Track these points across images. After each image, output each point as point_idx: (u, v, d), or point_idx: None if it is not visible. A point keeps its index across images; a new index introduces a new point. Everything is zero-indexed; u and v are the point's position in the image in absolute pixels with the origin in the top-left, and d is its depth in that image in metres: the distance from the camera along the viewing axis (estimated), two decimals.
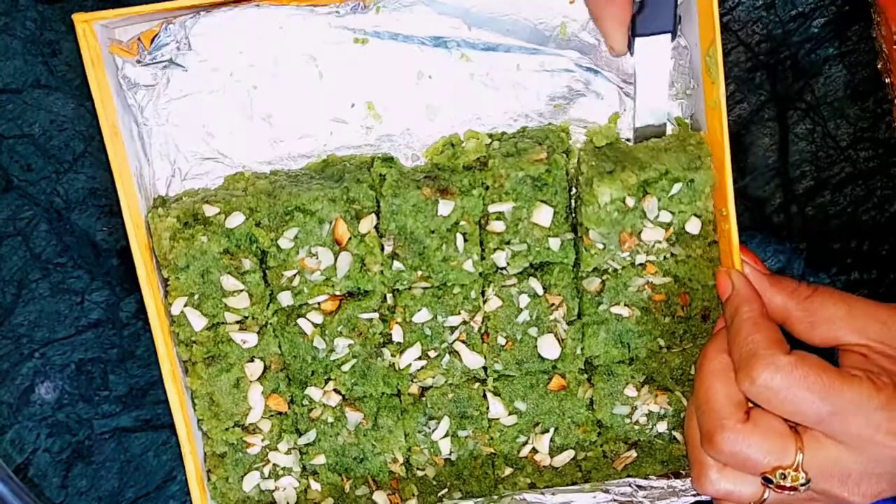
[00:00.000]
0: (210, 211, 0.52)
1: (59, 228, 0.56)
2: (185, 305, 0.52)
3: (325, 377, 0.54)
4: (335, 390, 0.55)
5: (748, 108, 0.58)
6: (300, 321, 0.53)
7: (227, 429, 0.54)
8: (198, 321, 0.52)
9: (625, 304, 0.53)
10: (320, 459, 0.55)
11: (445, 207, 0.52)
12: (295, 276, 0.53)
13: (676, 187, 0.50)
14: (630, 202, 0.51)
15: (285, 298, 0.53)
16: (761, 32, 0.57)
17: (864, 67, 0.58)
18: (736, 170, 0.58)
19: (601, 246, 0.52)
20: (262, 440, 0.54)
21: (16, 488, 0.55)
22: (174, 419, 0.51)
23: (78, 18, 0.49)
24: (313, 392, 0.54)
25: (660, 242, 0.52)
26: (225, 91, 0.54)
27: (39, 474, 0.57)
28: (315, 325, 0.54)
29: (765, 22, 0.57)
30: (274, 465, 0.55)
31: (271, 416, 0.55)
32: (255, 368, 0.54)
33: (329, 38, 0.54)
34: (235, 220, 0.52)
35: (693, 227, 0.51)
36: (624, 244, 0.51)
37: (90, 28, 0.49)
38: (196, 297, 0.52)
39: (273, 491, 0.55)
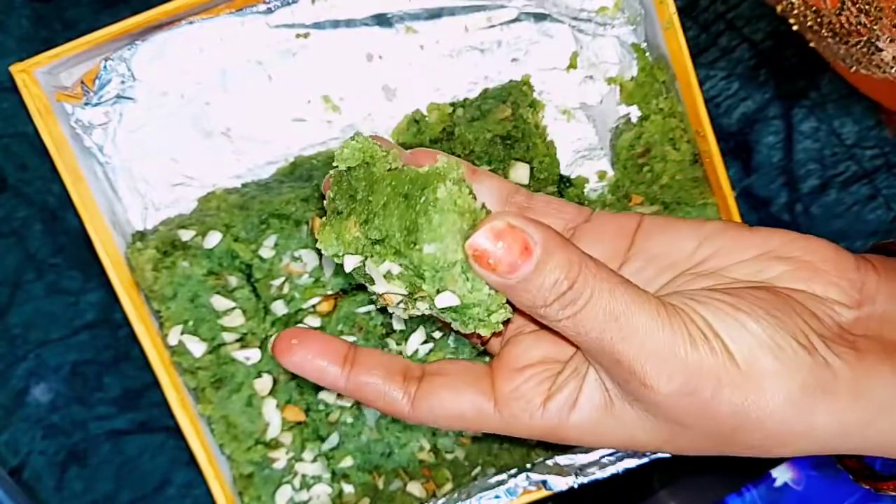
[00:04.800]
0: (186, 235, 0.51)
1: (53, 228, 0.56)
2: (182, 333, 0.52)
3: None
4: None
5: (752, 105, 0.57)
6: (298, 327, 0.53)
7: (248, 448, 0.53)
8: (197, 347, 0.52)
9: None
10: (348, 461, 0.55)
11: None
12: (284, 283, 0.52)
13: None
14: None
15: (279, 308, 0.52)
16: (766, 29, 0.56)
17: None
18: (740, 168, 0.57)
19: None
20: (287, 453, 0.54)
21: (11, 491, 0.55)
22: (191, 447, 0.51)
23: (15, 69, 0.49)
24: (327, 396, 0.54)
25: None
26: (179, 114, 0.53)
27: (34, 477, 0.57)
28: (315, 329, 0.53)
29: (769, 19, 0.56)
30: (303, 475, 0.54)
31: (290, 427, 0.54)
32: (264, 383, 0.53)
33: (271, 40, 0.53)
34: (213, 239, 0.51)
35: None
36: None
37: (31, 77, 0.49)
38: (190, 323, 0.52)
39: (307, 501, 0.55)
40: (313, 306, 0.53)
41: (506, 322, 0.38)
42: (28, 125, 0.52)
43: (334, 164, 0.38)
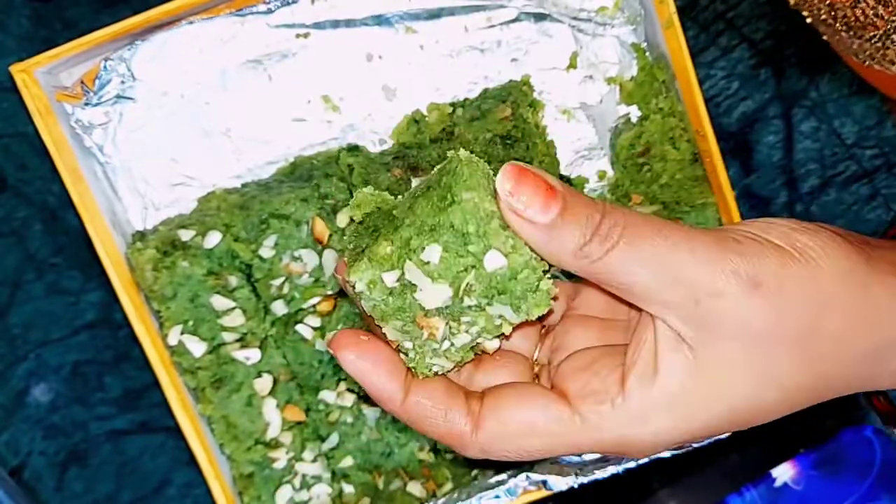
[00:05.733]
0: (186, 235, 0.51)
1: (53, 228, 0.56)
2: (182, 333, 0.52)
3: (336, 378, 0.54)
4: (348, 389, 0.54)
5: (753, 105, 0.57)
6: (299, 327, 0.53)
7: (248, 448, 0.53)
8: (197, 347, 0.52)
9: None
10: (348, 461, 0.55)
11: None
12: (284, 283, 0.52)
13: None
14: None
15: (279, 308, 0.52)
16: (765, 29, 0.56)
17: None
18: (741, 168, 0.57)
19: None
20: (287, 453, 0.54)
21: (11, 491, 0.55)
22: (191, 447, 0.51)
23: (15, 69, 0.49)
24: (327, 395, 0.54)
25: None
26: (179, 114, 0.53)
27: (34, 477, 0.57)
28: (315, 329, 0.53)
29: (769, 18, 0.56)
30: (303, 475, 0.54)
31: (290, 427, 0.54)
32: (264, 383, 0.53)
33: (270, 40, 0.53)
34: (213, 239, 0.51)
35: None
36: None
37: (31, 77, 0.49)
38: (190, 323, 0.52)
39: (307, 501, 0.55)
40: (313, 306, 0.53)
41: (549, 310, 0.35)
42: (28, 125, 0.52)
43: (350, 216, 0.37)
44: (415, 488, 0.55)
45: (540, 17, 0.53)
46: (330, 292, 0.52)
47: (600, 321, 0.38)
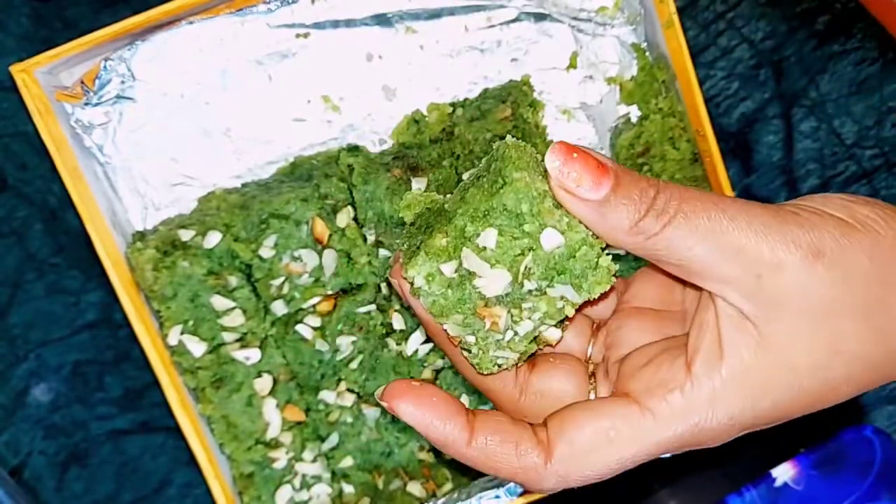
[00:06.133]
0: (186, 235, 0.51)
1: (53, 228, 0.56)
2: (182, 333, 0.52)
3: (336, 378, 0.54)
4: (348, 389, 0.54)
5: (752, 105, 0.57)
6: (298, 327, 0.53)
7: (248, 448, 0.53)
8: (197, 347, 0.52)
9: None
10: (348, 461, 0.55)
11: (419, 184, 0.51)
12: (283, 283, 0.52)
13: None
14: None
15: (279, 308, 0.52)
16: (765, 29, 0.56)
17: (870, 64, 0.57)
18: (741, 168, 0.57)
19: None
20: (287, 453, 0.54)
21: (11, 491, 0.54)
22: (191, 447, 0.51)
23: (15, 69, 0.49)
24: (327, 395, 0.54)
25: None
26: (179, 113, 0.53)
27: (35, 477, 0.57)
28: (314, 329, 0.53)
29: (769, 18, 0.56)
30: (303, 475, 0.54)
31: (290, 427, 0.54)
32: (264, 383, 0.53)
33: (271, 40, 0.53)
34: (213, 239, 0.51)
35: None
36: None
37: (31, 77, 0.49)
38: (190, 323, 0.52)
39: (307, 501, 0.55)
40: (313, 306, 0.53)
41: (610, 289, 0.35)
42: (28, 125, 0.52)
43: (400, 215, 0.37)
44: (415, 488, 0.55)
45: (540, 17, 0.53)
46: (330, 292, 0.52)
47: (654, 312, 0.38)
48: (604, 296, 0.34)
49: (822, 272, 0.32)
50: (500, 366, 0.35)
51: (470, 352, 0.35)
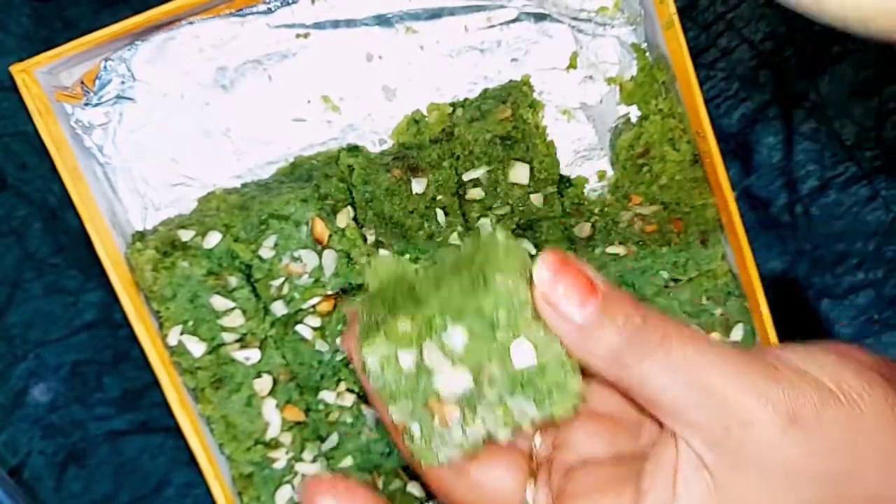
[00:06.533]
0: (186, 235, 0.51)
1: (53, 228, 0.56)
2: (182, 334, 0.52)
3: (335, 378, 0.54)
4: (348, 390, 0.54)
5: (752, 106, 0.57)
6: (298, 328, 0.53)
7: (248, 448, 0.53)
8: (197, 347, 0.52)
9: (619, 243, 0.52)
10: (347, 461, 0.55)
11: (419, 185, 0.51)
12: (283, 283, 0.52)
13: None
14: None
15: (279, 308, 0.52)
16: (765, 30, 0.56)
17: (869, 66, 0.57)
18: (741, 168, 0.57)
19: None
20: (286, 453, 0.54)
21: (10, 491, 0.54)
22: (191, 447, 0.51)
23: (15, 70, 0.49)
24: (327, 395, 0.54)
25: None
26: (179, 114, 0.53)
27: (34, 477, 0.57)
28: (314, 329, 0.53)
29: (769, 19, 0.56)
30: (302, 475, 0.54)
31: (290, 427, 0.54)
32: (263, 383, 0.53)
33: (270, 40, 0.53)
34: (212, 239, 0.51)
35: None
36: None
37: (31, 77, 0.49)
38: (190, 323, 0.52)
39: None
40: (313, 306, 0.53)
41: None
42: (28, 125, 0.52)
43: (364, 288, 0.35)
44: (415, 488, 0.55)
45: (540, 17, 0.53)
46: (330, 292, 0.52)
47: (610, 421, 0.36)
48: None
49: (792, 437, 0.31)
50: (440, 462, 0.34)
51: (412, 441, 0.34)
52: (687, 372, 0.31)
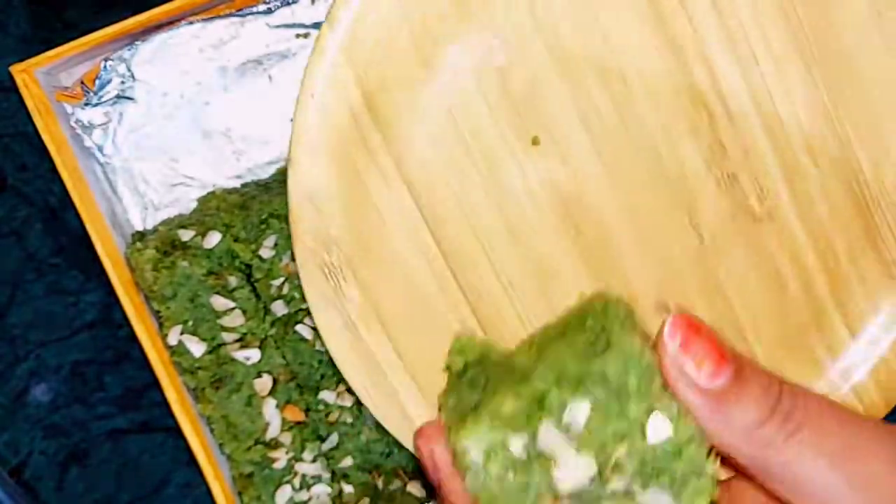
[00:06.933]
0: (186, 235, 0.51)
1: (53, 228, 0.56)
2: (182, 333, 0.52)
3: (336, 378, 0.54)
4: (348, 390, 0.54)
5: None
6: (298, 328, 0.53)
7: (248, 448, 0.53)
8: (197, 347, 0.52)
9: None
10: (347, 461, 0.55)
11: None
12: (283, 283, 0.52)
13: None
14: None
15: (279, 308, 0.52)
16: None
17: None
18: None
19: None
20: (286, 453, 0.54)
21: (11, 491, 0.54)
22: (191, 447, 0.51)
23: (15, 70, 0.49)
24: (327, 395, 0.54)
25: None
26: (179, 114, 0.53)
27: (35, 477, 0.57)
28: (314, 329, 0.53)
29: None
30: (302, 475, 0.54)
31: (290, 427, 0.54)
32: (264, 383, 0.53)
33: (271, 40, 0.53)
34: (212, 239, 0.51)
35: None
36: None
37: (31, 77, 0.49)
38: (190, 323, 0.52)
39: (307, 501, 0.55)
40: None
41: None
42: (28, 125, 0.52)
43: (446, 370, 0.30)
44: (415, 488, 0.55)
45: None
46: None
47: None
48: None
49: None
50: None
51: None
52: (842, 455, 0.27)
